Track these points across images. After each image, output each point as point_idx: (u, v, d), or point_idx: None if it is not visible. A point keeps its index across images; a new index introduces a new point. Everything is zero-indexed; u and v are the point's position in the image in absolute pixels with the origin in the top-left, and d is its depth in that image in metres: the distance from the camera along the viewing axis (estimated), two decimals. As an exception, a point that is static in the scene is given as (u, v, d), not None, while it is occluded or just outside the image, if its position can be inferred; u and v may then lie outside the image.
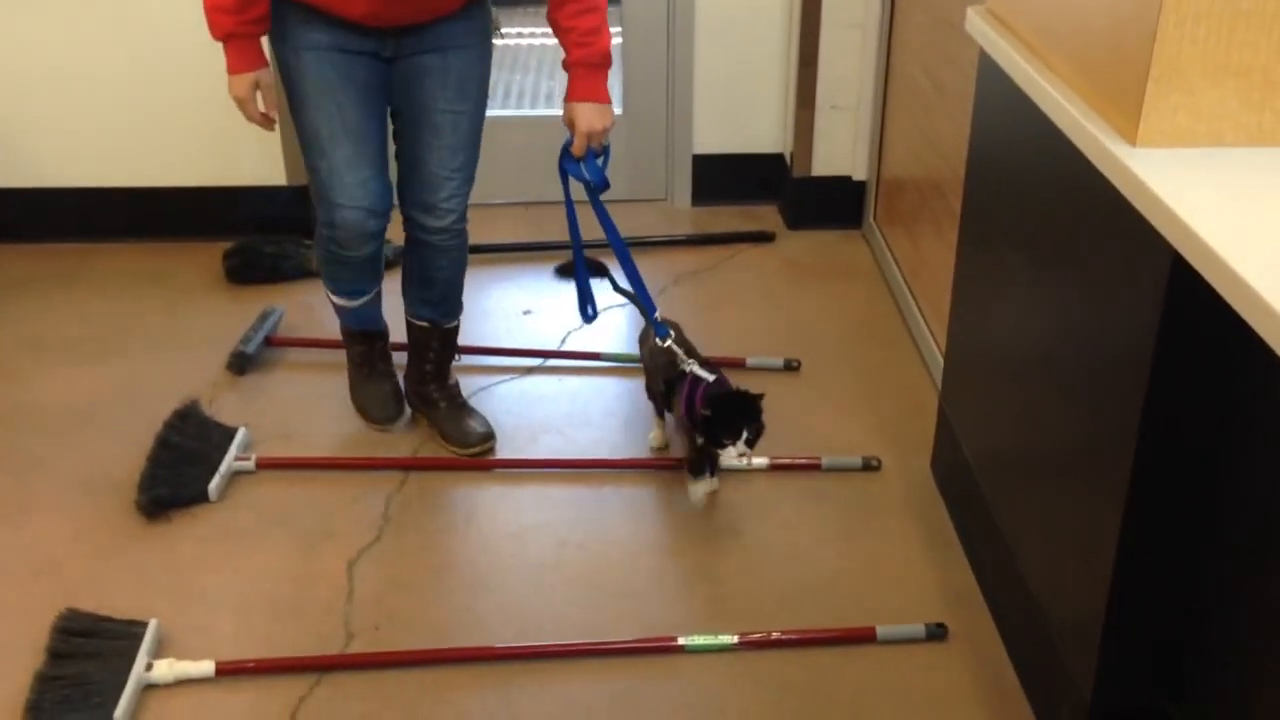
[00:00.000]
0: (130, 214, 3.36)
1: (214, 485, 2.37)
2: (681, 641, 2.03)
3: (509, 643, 2.05)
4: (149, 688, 1.95)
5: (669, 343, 2.34)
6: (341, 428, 2.59)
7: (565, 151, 2.32)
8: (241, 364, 2.78)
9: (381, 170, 2.29)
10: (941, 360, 2.56)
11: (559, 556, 2.25)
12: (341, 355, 2.65)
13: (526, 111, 4.31)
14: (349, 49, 2.18)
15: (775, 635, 2.05)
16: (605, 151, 2.33)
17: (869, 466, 2.46)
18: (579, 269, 2.46)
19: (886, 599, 2.14)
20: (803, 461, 2.46)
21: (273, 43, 2.21)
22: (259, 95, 2.20)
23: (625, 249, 2.40)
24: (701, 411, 2.16)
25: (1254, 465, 1.51)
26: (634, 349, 2.86)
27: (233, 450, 2.46)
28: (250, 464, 2.44)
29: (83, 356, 2.88)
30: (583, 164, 2.31)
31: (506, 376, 2.80)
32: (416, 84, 2.26)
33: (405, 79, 2.26)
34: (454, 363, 2.62)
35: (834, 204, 3.48)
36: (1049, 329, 1.87)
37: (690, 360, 2.30)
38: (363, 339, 2.61)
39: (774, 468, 2.43)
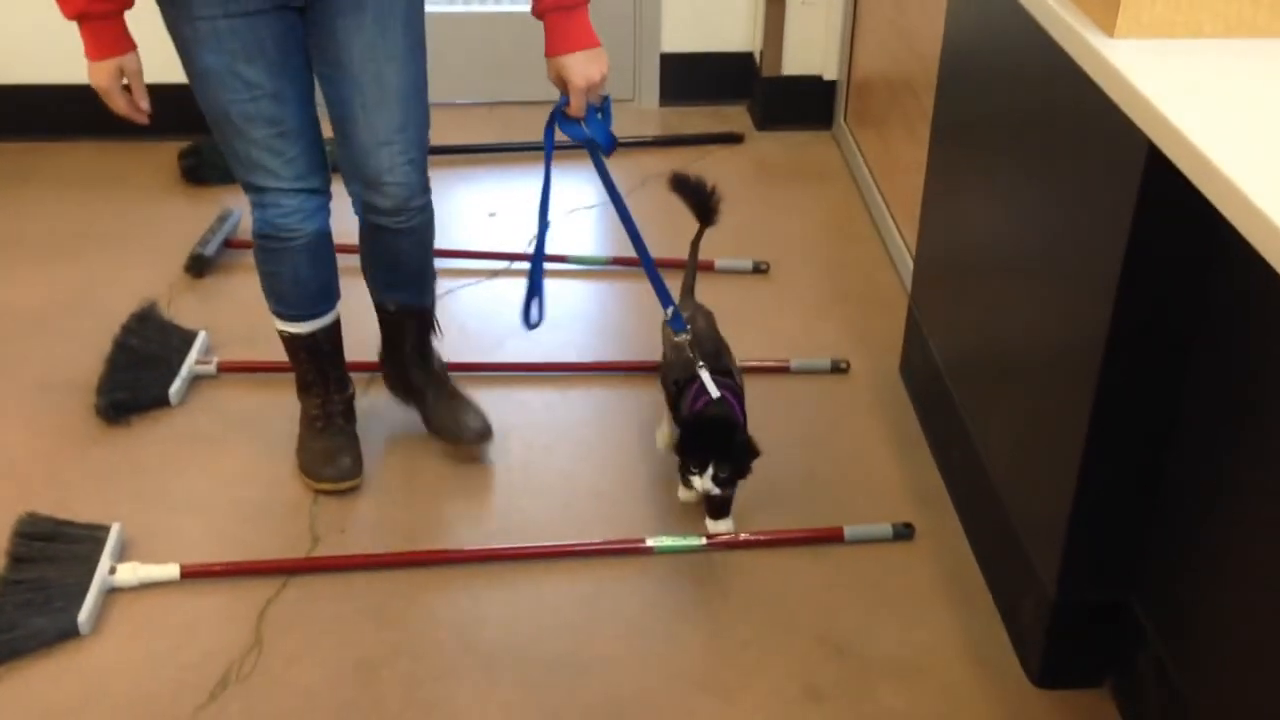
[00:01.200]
0: (83, 111, 3.24)
1: (175, 389, 2.33)
2: (650, 543, 2.04)
3: (477, 545, 2.05)
4: (113, 591, 1.94)
5: (683, 338, 2.03)
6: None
7: (558, 114, 1.91)
8: (200, 266, 2.72)
9: (312, 142, 1.93)
10: (911, 262, 2.54)
11: (526, 459, 2.24)
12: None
13: (488, 8, 4.20)
14: (251, 9, 1.77)
15: (744, 536, 2.05)
16: (605, 103, 1.92)
17: (837, 369, 2.45)
18: (537, 265, 2.04)
19: (854, 500, 2.14)
20: (771, 364, 2.45)
21: (161, 9, 1.80)
22: (126, 84, 1.83)
23: (635, 226, 2.02)
24: (675, 422, 1.99)
25: (1223, 362, 1.50)
26: (602, 251, 2.83)
27: (193, 354, 2.41)
28: (211, 368, 2.41)
29: (37, 258, 2.81)
30: (584, 123, 1.90)
31: (471, 280, 2.76)
32: (329, 36, 1.83)
33: (319, 31, 1.84)
34: (437, 341, 2.27)
35: (804, 104, 3.43)
36: (1021, 228, 1.85)
37: (703, 365, 2.00)
38: (319, 384, 2.17)
39: (743, 370, 2.41)
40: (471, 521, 2.10)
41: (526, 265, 2.54)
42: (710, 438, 1.90)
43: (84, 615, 1.85)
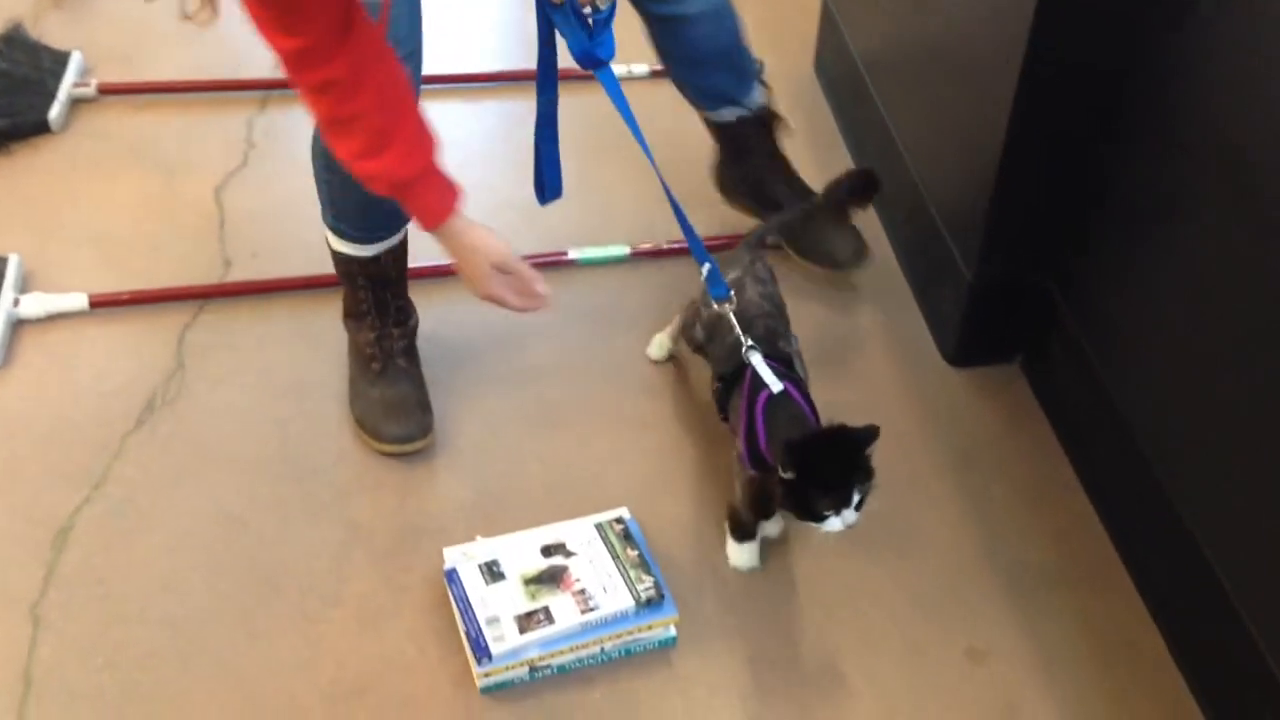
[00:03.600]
0: None
1: (55, 114, 2.18)
2: (573, 255, 2.02)
3: (395, 261, 2.01)
4: (19, 324, 1.87)
5: (728, 308, 1.58)
6: (190, 50, 2.37)
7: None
8: (62, -17, 2.51)
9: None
10: (822, -44, 2.45)
11: (438, 174, 2.18)
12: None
13: None
14: None
15: (665, 245, 2.05)
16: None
17: (750, 71, 2.39)
18: (544, 135, 1.66)
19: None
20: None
21: None
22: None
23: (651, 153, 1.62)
24: (781, 473, 1.40)
25: (1152, 53, 1.50)
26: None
27: (69, 75, 2.25)
28: (91, 89, 2.25)
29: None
30: (577, 21, 1.48)
31: None
32: None
33: None
34: (789, 134, 2.00)
35: None
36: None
37: (752, 343, 1.54)
38: (376, 316, 1.75)
39: (655, 74, 2.34)
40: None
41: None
42: (833, 456, 1.41)
43: (-7, 344, 1.80)
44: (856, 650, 1.56)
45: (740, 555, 1.63)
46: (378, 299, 1.75)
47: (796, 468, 1.38)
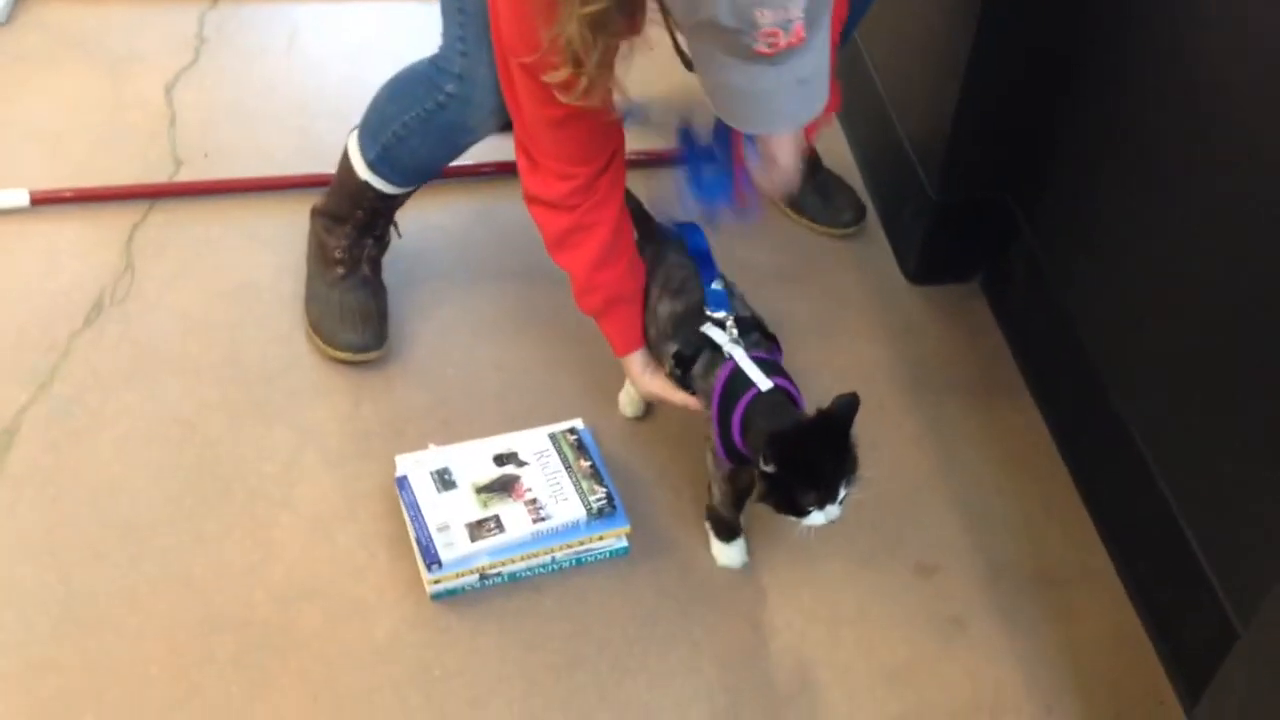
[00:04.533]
0: None
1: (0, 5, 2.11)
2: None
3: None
4: (-39, 219, 1.83)
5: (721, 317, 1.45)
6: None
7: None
8: None
9: None
10: None
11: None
12: None
13: None
14: None
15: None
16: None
17: None
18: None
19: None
20: None
21: None
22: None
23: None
24: (762, 465, 1.32)
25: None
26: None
27: (12, -36, 2.17)
28: (35, -21, 2.18)
29: None
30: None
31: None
32: None
33: None
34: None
35: None
36: None
37: (735, 333, 1.44)
38: (359, 228, 1.72)
39: None
40: (340, 140, 2.01)
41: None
42: (818, 450, 1.32)
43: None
44: (804, 562, 1.57)
45: (729, 554, 1.56)
46: (369, 219, 1.71)
47: (779, 462, 1.31)
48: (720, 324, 1.45)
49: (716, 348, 1.43)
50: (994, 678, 1.48)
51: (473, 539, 1.48)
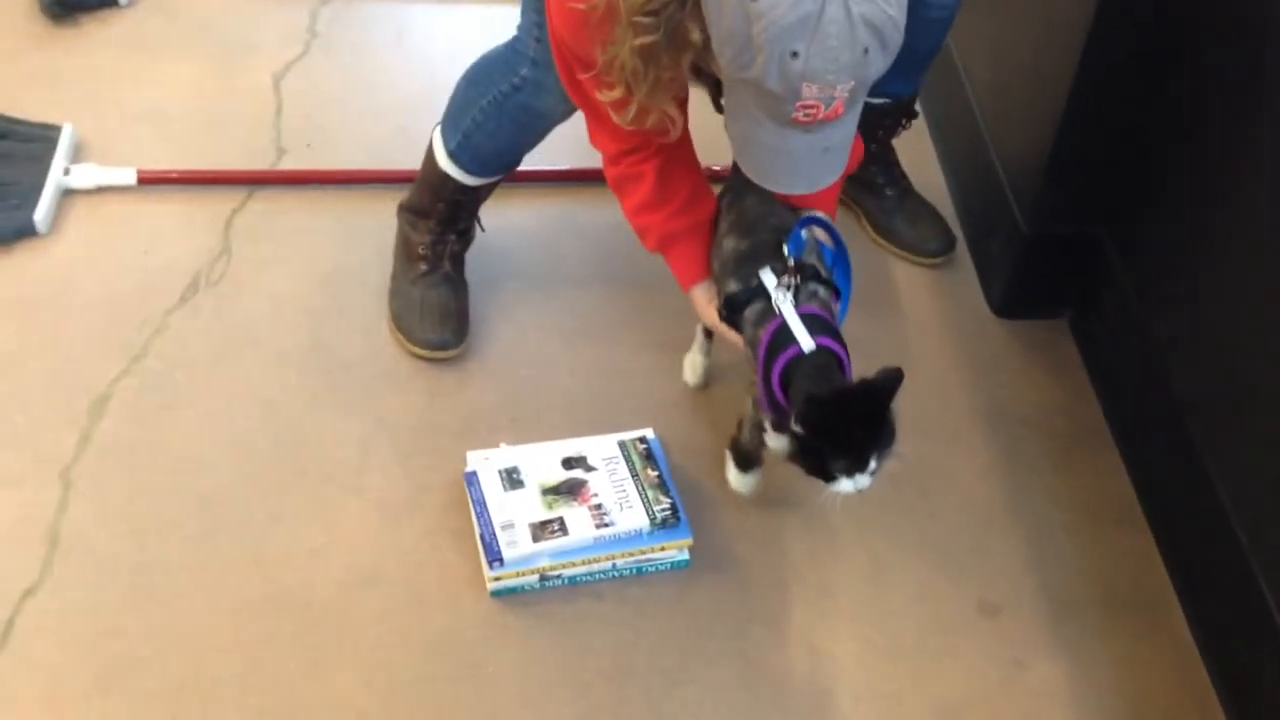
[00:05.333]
0: None
1: (123, -12, 2.19)
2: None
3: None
4: (68, 194, 1.89)
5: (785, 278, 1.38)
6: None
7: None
8: None
9: None
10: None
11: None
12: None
13: None
14: None
15: (715, 168, 2.01)
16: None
17: None
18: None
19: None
20: None
21: None
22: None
23: None
24: (793, 425, 1.29)
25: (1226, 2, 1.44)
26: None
27: (139, -49, 2.25)
28: (161, -33, 2.25)
29: None
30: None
31: None
32: None
33: None
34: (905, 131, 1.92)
35: None
36: None
37: (786, 288, 1.37)
38: (444, 222, 1.74)
39: None
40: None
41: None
42: (851, 418, 1.29)
43: (40, 214, 1.81)
44: (866, 591, 1.55)
45: (745, 482, 1.57)
46: (452, 213, 1.74)
47: (813, 427, 1.28)
48: (782, 269, 1.38)
49: (768, 298, 1.37)
50: (1052, 723, 1.45)
51: (535, 539, 1.50)
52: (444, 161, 1.68)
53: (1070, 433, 1.74)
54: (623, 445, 1.61)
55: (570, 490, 1.55)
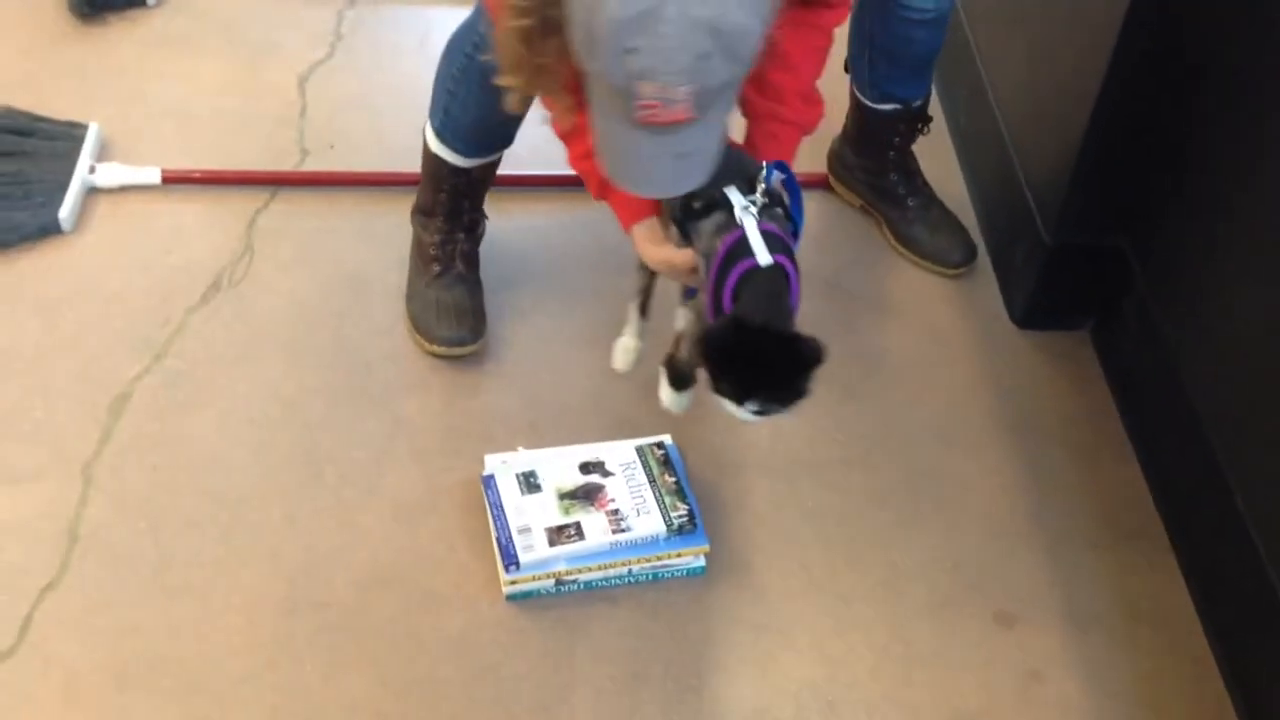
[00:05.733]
0: None
1: (150, -13, 2.20)
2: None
3: (468, 166, 2.01)
4: (93, 191, 1.90)
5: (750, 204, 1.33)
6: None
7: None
8: None
9: None
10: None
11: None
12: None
13: None
14: None
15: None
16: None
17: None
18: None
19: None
20: None
21: None
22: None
23: None
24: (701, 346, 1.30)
25: (1256, 11, 1.43)
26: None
27: (167, -48, 2.27)
28: (188, -32, 2.27)
29: None
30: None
31: None
32: None
33: None
34: (923, 136, 1.93)
35: None
36: None
37: (752, 203, 1.32)
38: (448, 218, 1.75)
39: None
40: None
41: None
42: (751, 359, 1.26)
43: (65, 212, 1.83)
44: (882, 599, 1.55)
45: (678, 401, 1.50)
46: (454, 204, 1.74)
47: (708, 351, 1.26)
48: (748, 189, 1.34)
49: (731, 210, 1.33)
50: (1068, 737, 1.44)
51: (552, 543, 1.50)
52: (434, 144, 1.69)
53: (1091, 444, 1.73)
54: (640, 451, 1.61)
55: (587, 495, 1.55)
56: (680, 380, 1.50)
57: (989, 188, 1.99)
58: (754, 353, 1.25)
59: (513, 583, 1.50)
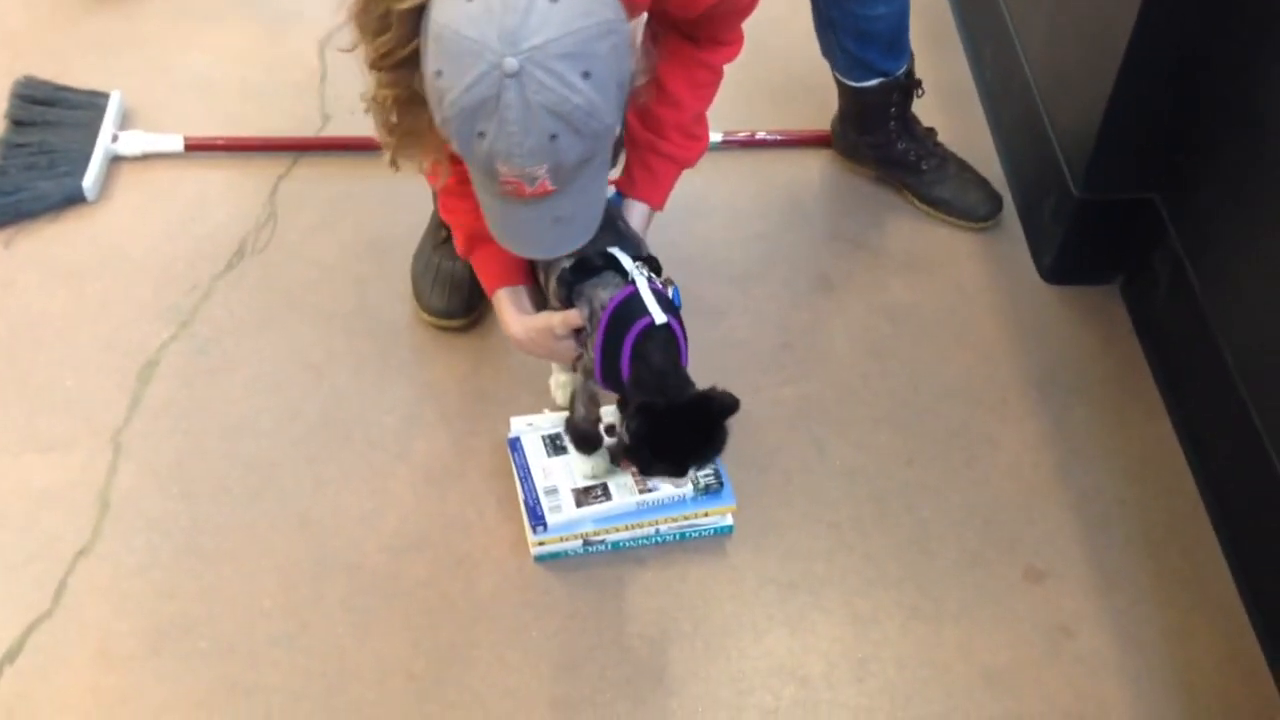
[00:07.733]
0: None
1: (169, -45, 2.20)
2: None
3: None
4: (116, 160, 1.91)
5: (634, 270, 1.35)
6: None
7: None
8: None
9: None
10: None
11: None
12: None
13: None
14: None
15: (761, 134, 2.00)
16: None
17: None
18: None
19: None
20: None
21: None
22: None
23: None
24: (625, 422, 1.31)
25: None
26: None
27: (185, -82, 2.26)
28: (206, -66, 2.26)
29: None
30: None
31: None
32: None
33: None
34: (919, 97, 1.90)
35: None
36: None
37: (641, 266, 1.36)
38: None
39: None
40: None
41: None
42: (684, 430, 1.29)
43: (89, 181, 1.83)
44: (911, 556, 1.54)
45: (594, 465, 1.51)
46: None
47: (643, 435, 1.27)
48: (634, 255, 1.37)
49: (620, 271, 1.34)
50: (1098, 693, 1.44)
51: (579, 505, 1.50)
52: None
53: (1121, 400, 1.71)
54: (666, 411, 1.60)
55: (614, 456, 1.55)
56: (587, 442, 1.49)
57: (1016, 141, 1.96)
58: (676, 431, 1.28)
59: (540, 544, 1.50)
